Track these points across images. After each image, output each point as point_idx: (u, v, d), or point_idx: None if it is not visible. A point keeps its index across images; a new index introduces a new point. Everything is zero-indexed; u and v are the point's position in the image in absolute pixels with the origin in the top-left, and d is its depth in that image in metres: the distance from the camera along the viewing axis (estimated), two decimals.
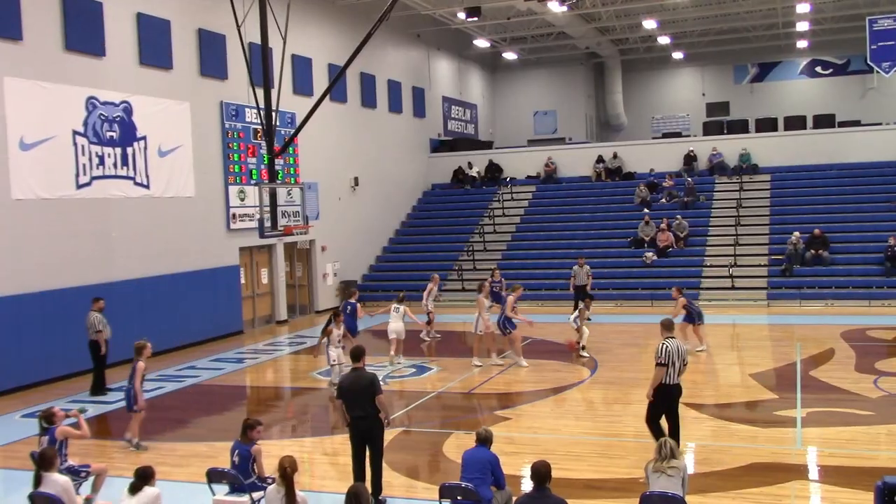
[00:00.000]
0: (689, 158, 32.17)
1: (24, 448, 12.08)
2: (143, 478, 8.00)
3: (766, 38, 39.21)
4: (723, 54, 42.29)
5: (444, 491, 8.38)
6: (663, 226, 28.08)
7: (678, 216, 28.56)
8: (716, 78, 44.18)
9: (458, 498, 8.27)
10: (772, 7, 33.45)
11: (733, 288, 25.64)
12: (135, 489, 7.93)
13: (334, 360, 15.45)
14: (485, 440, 8.72)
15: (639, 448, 11.43)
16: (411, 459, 11.69)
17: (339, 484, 9.97)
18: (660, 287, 26.29)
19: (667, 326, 11.42)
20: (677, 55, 42.28)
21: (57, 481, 8.40)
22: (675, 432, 10.81)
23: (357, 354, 9.89)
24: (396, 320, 18.29)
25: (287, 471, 7.59)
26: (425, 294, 21.11)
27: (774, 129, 34.00)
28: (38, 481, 8.43)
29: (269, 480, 8.67)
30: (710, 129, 35.62)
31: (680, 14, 34.44)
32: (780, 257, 26.16)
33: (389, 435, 12.66)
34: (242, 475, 8.97)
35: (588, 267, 23.47)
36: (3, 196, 16.74)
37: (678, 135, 37.72)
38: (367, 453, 9.60)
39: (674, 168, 32.07)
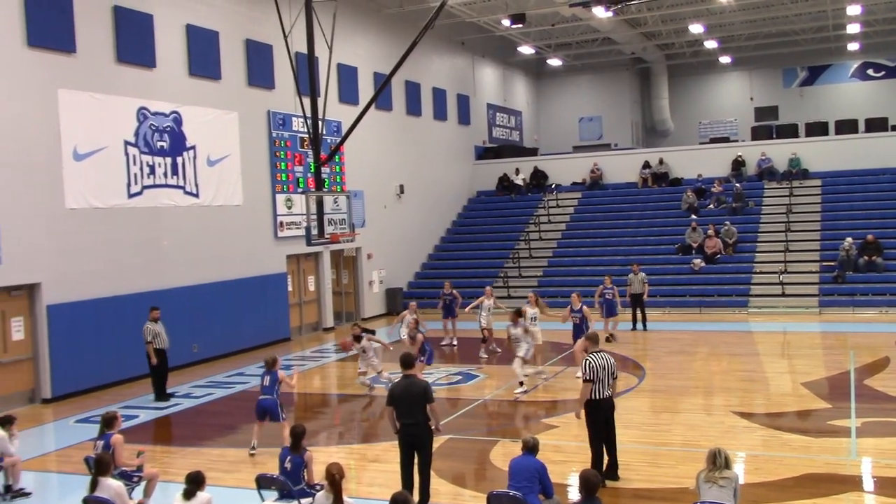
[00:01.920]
0: (738, 164, 31.74)
1: (77, 453, 12.32)
2: (196, 482, 8.11)
3: (816, 41, 38.58)
4: (771, 58, 41.71)
5: (492, 499, 8.36)
6: (711, 232, 27.75)
7: (727, 222, 28.19)
8: (764, 82, 43.55)
9: None
10: (821, 9, 32.92)
11: (784, 295, 25.22)
12: (189, 494, 8.04)
13: (363, 369, 16.21)
14: (532, 448, 8.69)
15: (688, 457, 11.31)
16: (458, 467, 11.68)
17: (387, 490, 9.96)
18: (708, 294, 26.03)
19: (593, 340, 10.96)
20: (724, 59, 41.79)
21: (111, 486, 8.57)
22: (610, 448, 10.60)
23: (408, 362, 9.90)
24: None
25: (335, 478, 7.64)
26: (478, 308, 20.45)
27: (825, 133, 33.41)
28: (94, 486, 8.59)
29: (318, 487, 8.73)
30: (758, 134, 35.14)
31: (727, 18, 34.06)
32: (832, 264, 25.67)
33: (436, 442, 12.67)
34: (293, 482, 9.03)
35: (643, 274, 22.76)
36: (58, 205, 17.11)
37: (726, 140, 37.27)
38: (416, 460, 9.62)
39: (721, 174, 31.67)
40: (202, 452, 12.87)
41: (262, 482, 9.30)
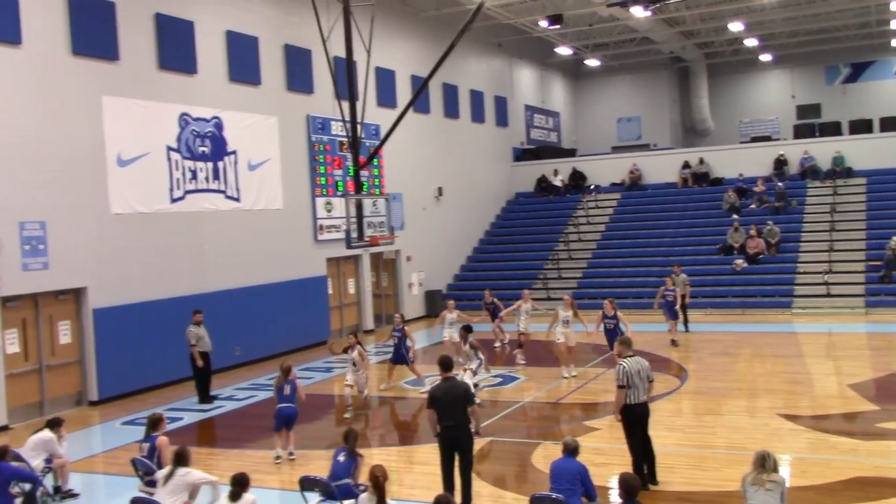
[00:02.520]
0: (780, 163, 31.32)
1: (124, 454, 12.49)
2: (242, 484, 8.21)
3: (859, 38, 37.95)
4: (813, 55, 41.07)
5: (535, 502, 8.34)
6: (753, 232, 27.40)
7: (769, 222, 27.82)
8: (806, 79, 42.92)
9: None
10: (865, 5, 32.39)
11: (829, 295, 24.82)
12: (234, 496, 8.14)
13: (349, 382, 15.54)
14: (573, 450, 8.66)
15: (732, 460, 11.17)
16: (499, 469, 11.67)
17: (428, 493, 9.98)
18: (751, 295, 25.72)
19: (626, 344, 10.68)
20: (765, 57, 41.25)
21: (188, 473, 8.89)
22: (647, 452, 10.46)
23: (447, 364, 9.91)
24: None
25: (379, 480, 7.71)
26: (517, 312, 19.78)
27: (869, 130, 32.77)
28: (169, 476, 8.89)
29: (361, 488, 8.78)
30: (801, 133, 34.59)
31: (768, 15, 33.61)
32: (878, 263, 25.22)
33: (478, 444, 12.66)
34: (342, 477, 9.17)
35: (685, 276, 22.23)
36: (103, 211, 17.40)
37: (767, 139, 36.75)
38: (457, 463, 9.62)
39: (763, 173, 31.25)
40: (246, 454, 12.99)
41: (306, 484, 9.37)
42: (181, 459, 8.95)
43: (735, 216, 29.07)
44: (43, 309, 16.50)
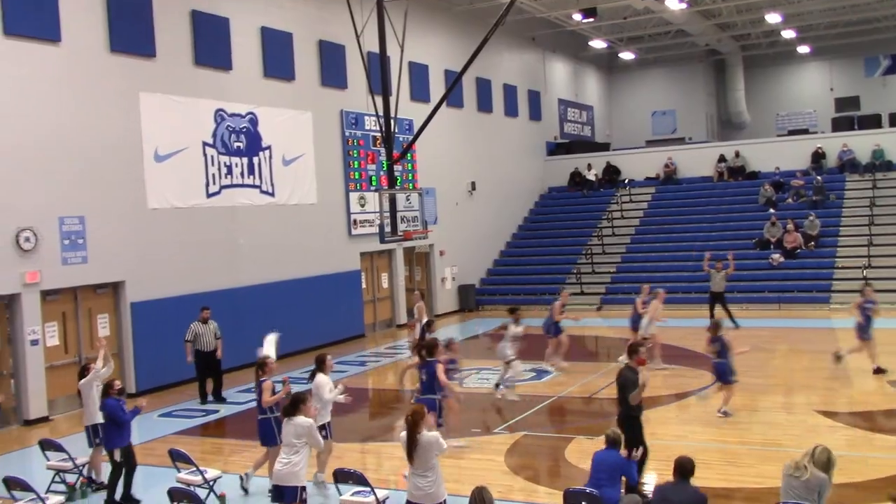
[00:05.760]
0: (818, 156, 30.88)
1: (161, 446, 12.67)
2: (320, 362, 11.14)
3: None
4: (852, 46, 40.39)
5: (569, 496, 8.33)
6: (790, 226, 27.06)
7: (811, 214, 27.36)
8: (845, 71, 42.22)
9: None
10: None
11: None
12: (313, 375, 10.68)
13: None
14: (613, 442, 8.69)
15: (768, 457, 11.07)
16: (532, 464, 11.66)
17: (460, 487, 10.02)
18: (788, 290, 25.40)
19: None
20: (803, 49, 40.68)
21: (300, 423, 8.74)
22: None
23: (630, 352, 10.48)
24: None
25: (408, 419, 8.12)
26: (647, 314, 17.86)
27: None
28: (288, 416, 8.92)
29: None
30: (839, 125, 34.12)
31: (805, 6, 33.15)
32: None
33: (511, 439, 12.69)
34: (430, 391, 11.23)
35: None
36: (140, 206, 17.62)
37: (805, 132, 36.27)
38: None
39: (800, 166, 30.84)
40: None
41: (340, 476, 9.43)
42: (290, 409, 8.85)
43: (772, 210, 28.74)
44: (82, 302, 16.76)
